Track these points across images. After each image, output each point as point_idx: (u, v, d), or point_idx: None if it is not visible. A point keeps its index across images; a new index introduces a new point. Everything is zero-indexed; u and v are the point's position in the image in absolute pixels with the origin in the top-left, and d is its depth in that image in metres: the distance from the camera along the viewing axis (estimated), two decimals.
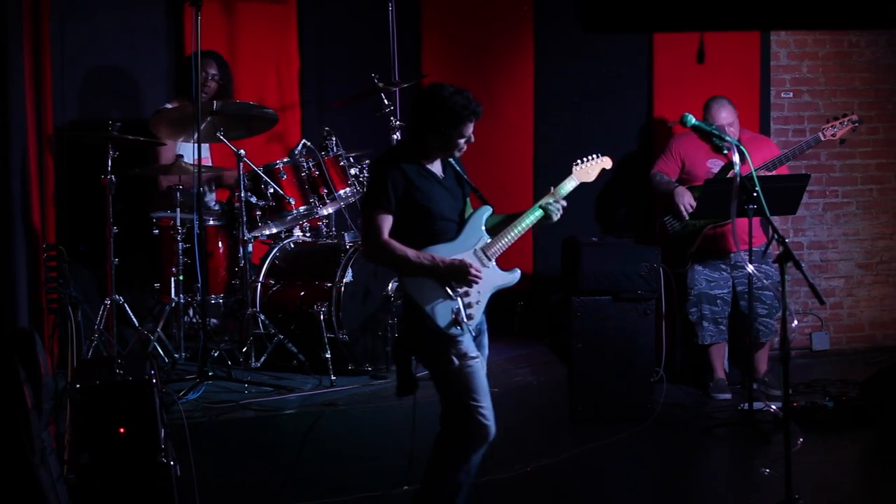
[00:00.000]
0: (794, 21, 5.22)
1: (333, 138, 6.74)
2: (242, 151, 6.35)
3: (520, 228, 4.80)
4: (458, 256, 4.64)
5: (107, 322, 6.20)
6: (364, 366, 6.36)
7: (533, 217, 4.83)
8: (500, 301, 4.89)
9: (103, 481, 4.49)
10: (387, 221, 4.59)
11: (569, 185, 4.98)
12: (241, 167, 6.35)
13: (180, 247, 6.47)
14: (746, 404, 6.73)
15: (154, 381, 4.65)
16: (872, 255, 8.66)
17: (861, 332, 8.68)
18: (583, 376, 6.93)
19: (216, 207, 6.85)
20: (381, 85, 6.97)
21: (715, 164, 7.31)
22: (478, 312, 4.69)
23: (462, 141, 4.67)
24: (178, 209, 6.44)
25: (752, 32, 8.02)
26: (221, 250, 6.71)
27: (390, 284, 6.41)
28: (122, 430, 4.55)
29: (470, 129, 4.65)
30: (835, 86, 8.46)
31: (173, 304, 6.47)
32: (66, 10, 6.90)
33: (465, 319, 4.61)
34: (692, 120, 6.00)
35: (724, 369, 7.54)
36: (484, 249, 4.74)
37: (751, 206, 6.37)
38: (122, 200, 6.61)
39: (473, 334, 4.69)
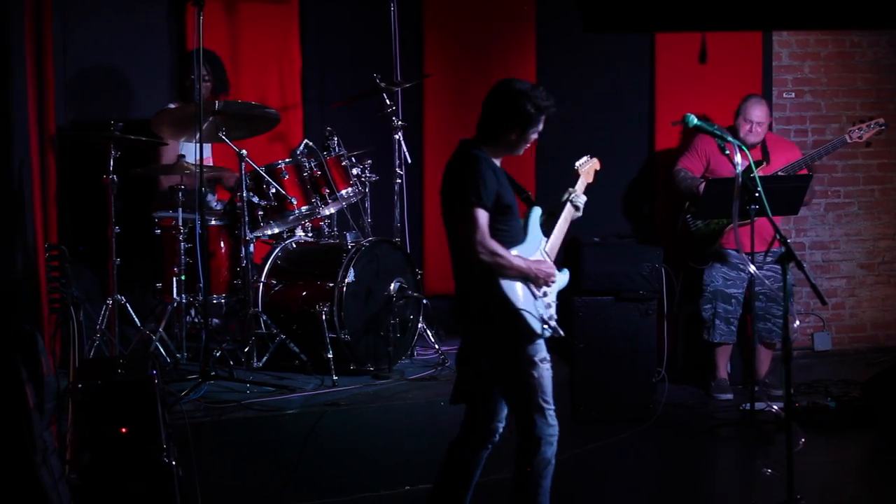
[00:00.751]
0: (797, 21, 5.22)
1: (335, 138, 6.74)
2: (244, 151, 6.35)
3: (563, 227, 4.81)
4: (533, 258, 4.63)
5: (109, 322, 6.19)
6: (366, 366, 6.35)
7: (568, 214, 4.83)
8: None
9: (105, 481, 4.49)
10: (487, 220, 4.51)
11: (582, 186, 4.98)
12: (243, 167, 6.35)
13: (182, 247, 6.46)
14: (748, 404, 6.72)
15: (156, 381, 4.65)
16: (874, 255, 8.66)
17: (863, 332, 8.68)
18: (584, 376, 6.93)
19: (218, 207, 6.85)
20: (383, 85, 6.96)
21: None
22: (555, 313, 4.67)
23: (534, 137, 4.67)
24: (181, 209, 6.44)
25: (754, 32, 8.02)
26: (223, 250, 6.71)
27: (392, 284, 6.42)
28: (124, 430, 4.55)
29: (542, 125, 4.65)
30: (837, 86, 8.46)
31: (175, 304, 6.46)
32: (68, 10, 6.89)
33: (550, 320, 4.60)
34: (694, 120, 5.99)
35: (727, 370, 7.53)
36: (547, 250, 4.73)
37: (753, 207, 6.36)
38: (124, 200, 6.61)
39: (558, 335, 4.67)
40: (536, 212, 4.77)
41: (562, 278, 4.77)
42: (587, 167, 5.08)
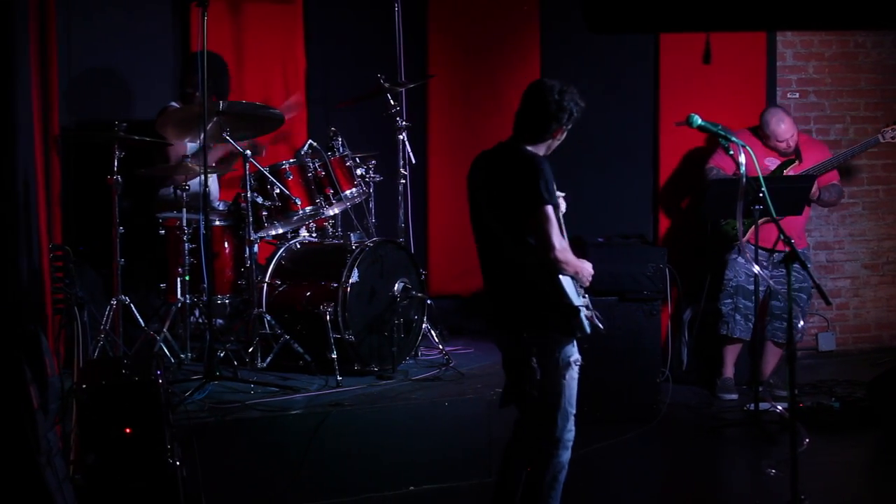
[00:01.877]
0: (801, 22, 5.21)
1: (339, 139, 6.74)
2: (249, 152, 6.36)
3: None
4: None
5: (113, 322, 6.20)
6: (370, 366, 6.36)
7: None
8: None
9: (109, 482, 4.50)
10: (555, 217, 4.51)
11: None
12: (248, 167, 6.36)
13: (186, 247, 6.47)
14: (753, 405, 6.71)
15: (160, 381, 4.65)
16: (878, 255, 8.65)
17: (867, 332, 8.67)
18: (588, 376, 6.88)
19: (222, 207, 6.85)
20: (387, 85, 6.97)
21: (772, 162, 7.32)
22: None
23: (564, 136, 4.68)
24: (185, 210, 6.44)
25: (758, 33, 8.01)
26: (227, 251, 6.72)
27: (396, 285, 6.42)
28: (128, 431, 4.55)
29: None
30: (841, 86, 8.45)
31: (179, 305, 6.47)
32: (73, 10, 6.89)
33: (594, 317, 4.58)
34: (698, 120, 5.99)
35: (733, 370, 7.51)
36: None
37: (757, 207, 6.36)
38: (129, 200, 6.62)
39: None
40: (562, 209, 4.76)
41: None
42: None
